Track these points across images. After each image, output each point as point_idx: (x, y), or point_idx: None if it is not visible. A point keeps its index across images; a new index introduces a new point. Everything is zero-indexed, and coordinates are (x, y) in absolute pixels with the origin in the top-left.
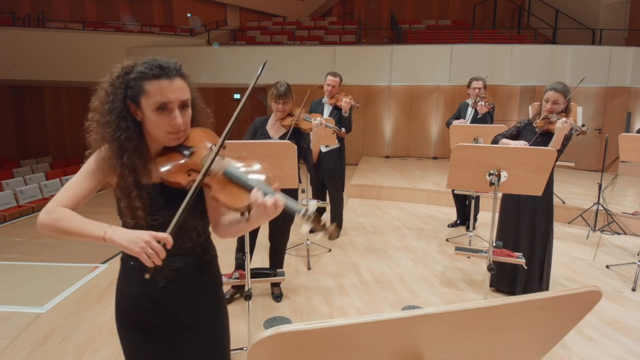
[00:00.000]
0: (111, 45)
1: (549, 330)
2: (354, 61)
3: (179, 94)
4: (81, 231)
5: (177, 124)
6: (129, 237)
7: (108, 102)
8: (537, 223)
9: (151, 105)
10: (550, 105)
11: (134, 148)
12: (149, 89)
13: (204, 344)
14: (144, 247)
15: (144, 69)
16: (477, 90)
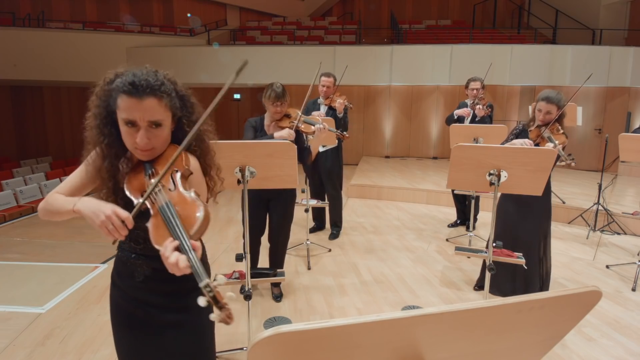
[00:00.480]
0: (111, 45)
1: (549, 330)
2: (354, 61)
3: (147, 114)
4: (59, 209)
5: (140, 143)
6: (93, 208)
7: (95, 107)
8: (536, 224)
9: (121, 120)
10: (543, 116)
11: (114, 154)
12: (119, 104)
13: (187, 339)
14: (105, 222)
15: (119, 83)
16: (475, 90)
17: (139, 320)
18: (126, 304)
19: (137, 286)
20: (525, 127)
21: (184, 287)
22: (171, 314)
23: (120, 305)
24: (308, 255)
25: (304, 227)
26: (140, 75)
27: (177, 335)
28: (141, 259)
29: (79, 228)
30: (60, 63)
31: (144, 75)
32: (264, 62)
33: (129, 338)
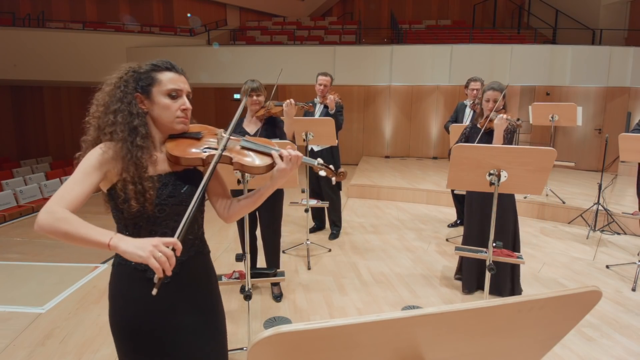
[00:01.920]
0: (111, 45)
1: (549, 330)
2: (354, 61)
3: (186, 86)
4: (84, 236)
5: (188, 108)
6: (136, 243)
7: (118, 92)
8: (504, 223)
9: (164, 92)
10: (492, 104)
11: (145, 133)
12: (161, 78)
13: (207, 343)
14: (153, 251)
15: (156, 63)
16: (475, 91)
17: (158, 328)
18: (143, 315)
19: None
20: (474, 122)
21: (205, 281)
22: (190, 317)
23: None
24: (308, 255)
25: (304, 227)
26: None
27: (199, 338)
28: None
29: None
30: (60, 63)
31: None
32: (264, 62)
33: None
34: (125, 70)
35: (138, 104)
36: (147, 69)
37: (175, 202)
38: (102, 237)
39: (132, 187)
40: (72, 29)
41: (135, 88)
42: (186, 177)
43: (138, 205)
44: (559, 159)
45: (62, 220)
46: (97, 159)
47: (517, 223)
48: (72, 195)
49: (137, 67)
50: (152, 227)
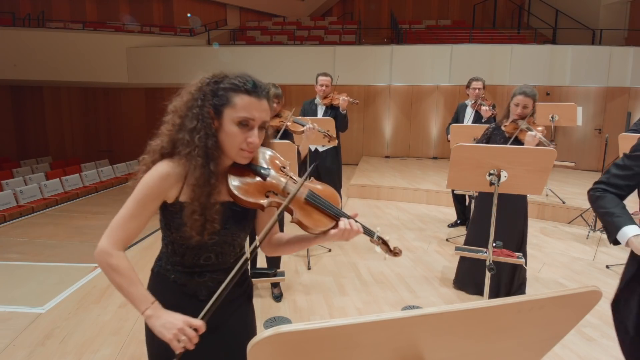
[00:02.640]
0: (111, 45)
1: (549, 330)
2: (354, 61)
3: (263, 115)
4: (128, 295)
5: (254, 143)
6: (163, 322)
7: (195, 107)
8: (514, 224)
9: (234, 118)
10: (521, 110)
11: (218, 156)
12: (236, 102)
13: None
14: (177, 335)
15: (237, 82)
16: (476, 90)
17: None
18: None
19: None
20: (498, 124)
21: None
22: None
23: None
24: (308, 255)
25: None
26: (255, 78)
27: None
28: (207, 275)
29: (79, 228)
30: (60, 63)
31: (258, 80)
32: (264, 62)
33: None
34: (206, 81)
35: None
36: (226, 85)
37: (227, 234)
38: (140, 305)
39: (198, 217)
40: (72, 29)
41: (210, 104)
42: (242, 209)
43: (197, 236)
44: (559, 159)
45: (114, 270)
46: (158, 186)
47: (527, 224)
48: (128, 233)
49: (220, 78)
50: (198, 250)
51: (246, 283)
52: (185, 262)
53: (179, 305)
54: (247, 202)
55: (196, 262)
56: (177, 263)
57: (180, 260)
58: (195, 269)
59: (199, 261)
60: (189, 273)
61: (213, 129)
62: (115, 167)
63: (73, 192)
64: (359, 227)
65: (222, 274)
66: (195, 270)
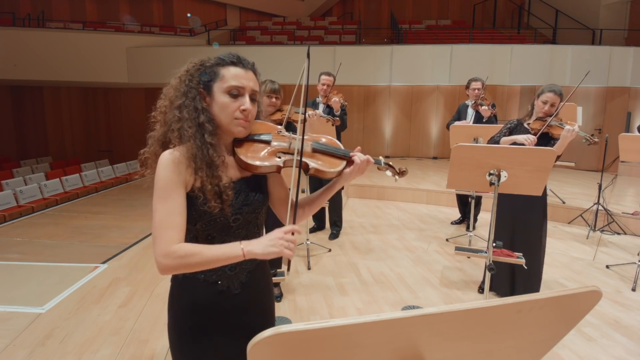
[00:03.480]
0: (111, 45)
1: (549, 330)
2: (354, 61)
3: (251, 83)
4: (217, 258)
5: (247, 109)
6: (264, 244)
7: (183, 86)
8: (533, 222)
9: (224, 89)
10: (549, 108)
11: (212, 130)
12: (224, 74)
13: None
14: (283, 244)
15: (222, 56)
16: (476, 90)
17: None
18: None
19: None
20: (521, 121)
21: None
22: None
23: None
24: (308, 255)
25: (304, 227)
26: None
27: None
28: (237, 267)
29: (79, 228)
30: (60, 63)
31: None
32: (264, 62)
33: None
34: (193, 63)
35: (202, 100)
36: (212, 62)
37: (249, 211)
38: (234, 252)
39: (210, 187)
40: (72, 29)
41: (199, 82)
42: (255, 182)
43: (218, 205)
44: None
45: (187, 257)
46: (172, 172)
47: (545, 224)
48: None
49: (206, 60)
50: (225, 237)
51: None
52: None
53: (214, 303)
54: (263, 168)
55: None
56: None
57: None
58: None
59: (228, 239)
60: (219, 268)
61: (203, 104)
62: (115, 167)
63: (73, 192)
64: (369, 157)
65: (251, 263)
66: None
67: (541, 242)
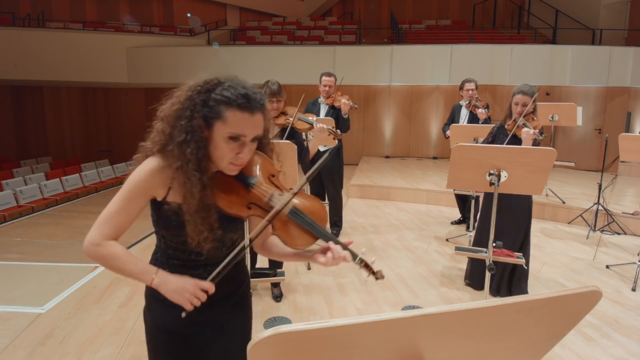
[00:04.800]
0: (111, 45)
1: (549, 330)
2: (354, 61)
3: (256, 130)
4: (130, 273)
5: (243, 159)
6: (174, 288)
7: (184, 118)
8: (519, 222)
9: (225, 133)
10: (520, 108)
11: (205, 167)
12: (228, 116)
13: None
14: (190, 298)
15: (230, 94)
16: (470, 91)
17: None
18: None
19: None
20: (502, 123)
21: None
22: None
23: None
24: None
25: None
26: (250, 87)
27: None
28: (201, 268)
29: (79, 228)
30: (60, 63)
31: (252, 88)
32: (264, 62)
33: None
34: (197, 89)
35: (201, 129)
36: (217, 97)
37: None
38: (145, 278)
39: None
40: (72, 29)
41: (200, 111)
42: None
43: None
44: (559, 159)
45: (108, 257)
46: (146, 182)
47: (530, 223)
48: (115, 225)
49: (212, 86)
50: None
51: (246, 281)
52: (178, 256)
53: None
54: (229, 212)
55: (188, 257)
56: (171, 256)
57: (173, 254)
58: (189, 263)
59: (191, 257)
60: (183, 266)
61: (203, 139)
62: (115, 167)
63: (73, 192)
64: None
65: (217, 267)
66: (189, 265)
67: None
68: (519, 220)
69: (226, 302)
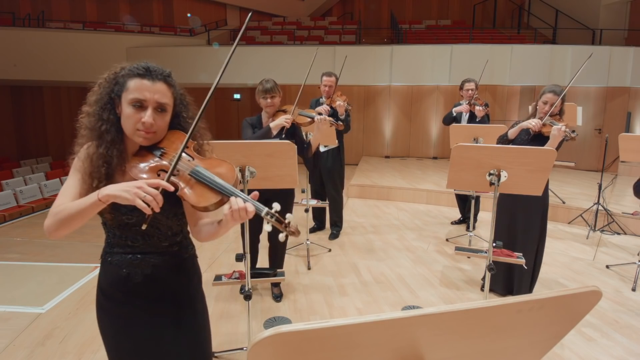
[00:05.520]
0: (111, 45)
1: (549, 330)
2: (354, 61)
3: (157, 95)
4: (78, 208)
5: (146, 122)
6: (121, 186)
7: (97, 94)
8: (532, 222)
9: (128, 100)
10: (548, 107)
11: (111, 140)
12: (129, 85)
13: (181, 340)
14: (138, 192)
15: (132, 67)
16: (469, 91)
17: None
18: (121, 312)
19: (135, 290)
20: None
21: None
22: (168, 315)
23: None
24: (308, 255)
25: (304, 227)
26: (153, 64)
27: (175, 335)
28: (139, 258)
29: (79, 228)
30: (60, 63)
31: (156, 65)
32: (264, 62)
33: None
34: (112, 71)
35: (114, 108)
36: (124, 72)
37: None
38: (92, 199)
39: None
40: (72, 29)
41: (112, 90)
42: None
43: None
44: (559, 159)
45: (58, 213)
46: (80, 161)
47: (546, 224)
48: (68, 197)
49: (120, 69)
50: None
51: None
52: (118, 243)
53: (115, 285)
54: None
55: (125, 243)
56: (112, 245)
57: (112, 241)
58: (127, 249)
59: (127, 242)
60: (122, 254)
61: (111, 113)
62: None
63: None
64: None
65: (156, 257)
66: (127, 251)
67: (538, 243)
68: (532, 221)
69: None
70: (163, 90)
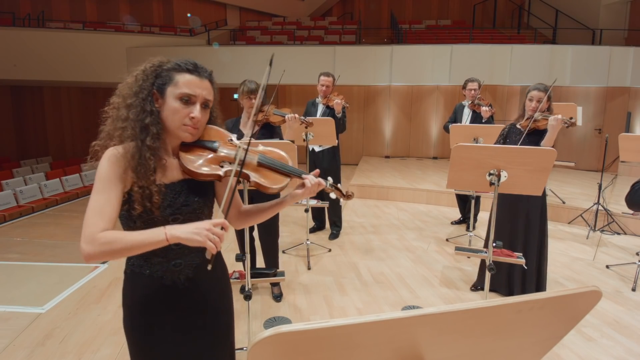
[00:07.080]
0: (111, 45)
1: (549, 330)
2: (354, 61)
3: (205, 92)
4: (140, 243)
5: (196, 117)
6: (190, 229)
7: (136, 86)
8: (532, 222)
9: (176, 94)
10: (535, 104)
11: (157, 133)
12: (178, 79)
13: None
14: (208, 235)
15: (179, 62)
16: (472, 91)
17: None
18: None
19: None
20: (514, 123)
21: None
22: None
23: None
24: (308, 255)
25: (304, 227)
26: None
27: (206, 337)
28: (180, 262)
29: (79, 228)
30: (60, 63)
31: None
32: (264, 62)
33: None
34: (151, 64)
35: (154, 101)
36: (169, 66)
37: (189, 211)
38: (157, 236)
39: (138, 189)
40: (72, 29)
41: (153, 83)
42: (198, 185)
43: (141, 209)
44: (559, 159)
45: (109, 243)
46: (109, 171)
47: (546, 224)
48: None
49: (164, 62)
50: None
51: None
52: (158, 252)
53: (159, 298)
54: (203, 175)
55: (167, 247)
56: (150, 255)
57: (151, 252)
58: (170, 256)
59: (170, 246)
60: (163, 263)
61: (152, 106)
62: None
63: (73, 192)
64: (320, 181)
65: (197, 256)
66: (170, 257)
67: (541, 243)
68: (531, 221)
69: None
70: (209, 88)
